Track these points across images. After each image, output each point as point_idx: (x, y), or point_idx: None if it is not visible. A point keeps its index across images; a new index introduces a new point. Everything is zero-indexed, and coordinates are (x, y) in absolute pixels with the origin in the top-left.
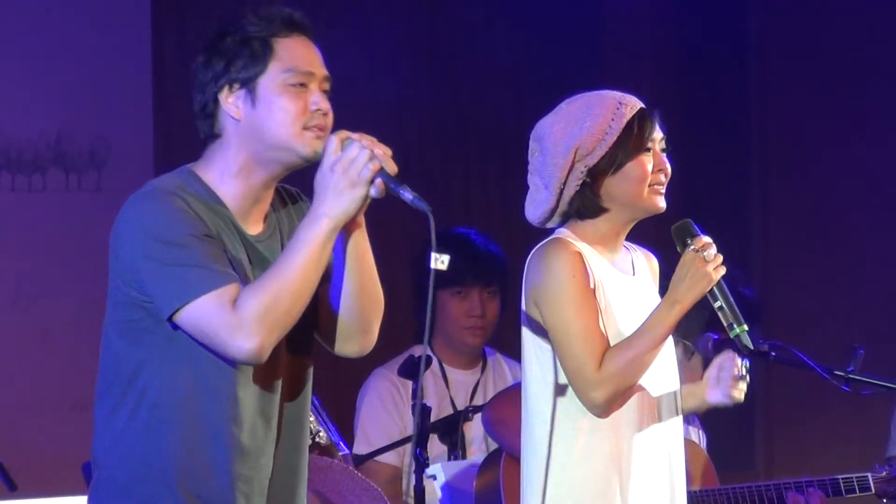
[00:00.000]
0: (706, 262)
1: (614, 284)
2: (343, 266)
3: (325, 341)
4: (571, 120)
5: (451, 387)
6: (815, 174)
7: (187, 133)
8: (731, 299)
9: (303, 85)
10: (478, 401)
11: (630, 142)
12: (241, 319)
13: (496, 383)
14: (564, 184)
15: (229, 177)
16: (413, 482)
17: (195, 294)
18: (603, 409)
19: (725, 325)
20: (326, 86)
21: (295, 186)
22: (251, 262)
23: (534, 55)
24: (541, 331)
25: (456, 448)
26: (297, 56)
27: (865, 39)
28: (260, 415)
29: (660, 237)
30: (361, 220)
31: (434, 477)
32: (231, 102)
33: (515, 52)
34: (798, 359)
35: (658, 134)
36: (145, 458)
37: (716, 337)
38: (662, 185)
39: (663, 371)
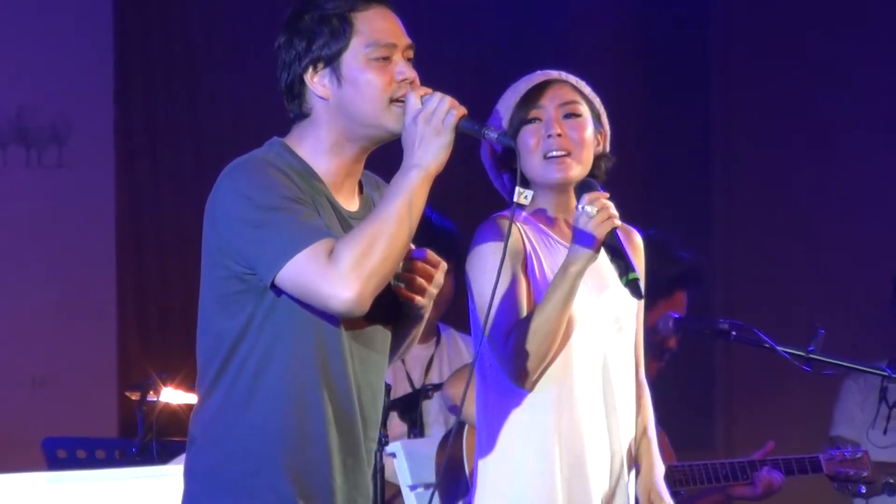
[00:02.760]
0: (590, 217)
1: (560, 257)
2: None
3: None
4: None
5: (406, 362)
6: (776, 160)
7: (148, 110)
8: (623, 250)
9: (386, 58)
10: (433, 376)
11: (518, 115)
12: (338, 269)
13: (451, 359)
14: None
15: (322, 153)
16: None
17: (292, 252)
18: (520, 383)
19: (618, 274)
20: (410, 54)
21: (383, 159)
22: None
23: (494, 43)
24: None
25: (416, 426)
26: (377, 29)
27: (828, 32)
28: (354, 386)
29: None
30: (426, 317)
31: (394, 455)
32: (317, 82)
33: (477, 43)
34: (758, 338)
35: (550, 100)
36: (247, 430)
37: (676, 316)
38: (560, 150)
39: (614, 348)
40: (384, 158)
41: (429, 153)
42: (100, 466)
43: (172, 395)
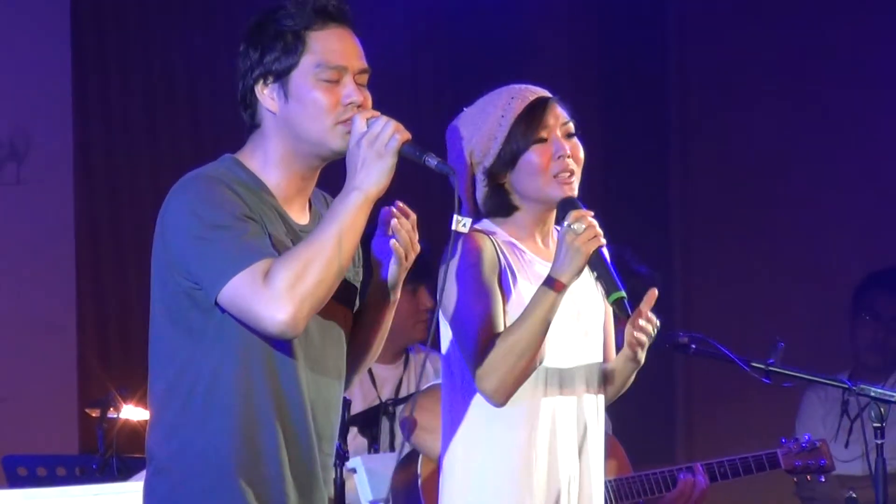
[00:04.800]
0: (577, 235)
1: (535, 275)
2: (372, 316)
3: None
4: (466, 123)
5: (377, 383)
6: (735, 169)
7: (106, 126)
8: (609, 268)
9: (335, 79)
10: (402, 395)
11: (520, 134)
12: (272, 290)
13: (419, 378)
14: (473, 187)
15: (271, 166)
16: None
17: (231, 273)
18: (496, 399)
19: (604, 293)
20: (363, 78)
21: (335, 175)
22: None
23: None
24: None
25: (376, 441)
26: (329, 49)
27: (784, 31)
28: (307, 402)
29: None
30: (397, 297)
31: (354, 470)
32: (266, 95)
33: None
34: (718, 351)
35: (555, 120)
36: (201, 449)
37: None
38: (568, 171)
39: (582, 355)
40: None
41: (370, 176)
42: (60, 484)
43: (132, 412)
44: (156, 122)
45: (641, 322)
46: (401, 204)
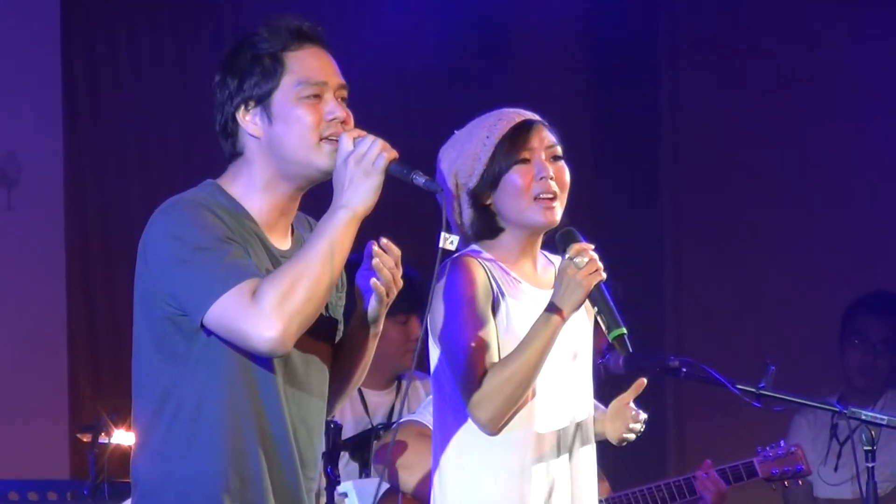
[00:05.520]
0: (578, 269)
1: (526, 299)
2: (355, 346)
3: None
4: (454, 145)
5: (369, 409)
6: (726, 191)
7: (98, 151)
8: (610, 304)
9: (317, 96)
10: (395, 420)
11: (503, 154)
12: (260, 309)
13: (410, 403)
14: (460, 209)
15: (255, 191)
16: (324, 500)
17: (217, 293)
18: (490, 428)
19: (604, 328)
20: (343, 93)
21: (319, 198)
22: None
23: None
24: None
25: (368, 466)
26: (308, 67)
27: (782, 45)
28: (290, 428)
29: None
30: (378, 330)
31: (345, 495)
32: (249, 120)
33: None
34: (709, 375)
35: (540, 143)
36: (186, 474)
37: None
38: (550, 194)
39: (572, 378)
40: (321, 196)
41: (357, 195)
42: None
43: (124, 437)
44: (148, 146)
45: (631, 424)
46: (385, 241)
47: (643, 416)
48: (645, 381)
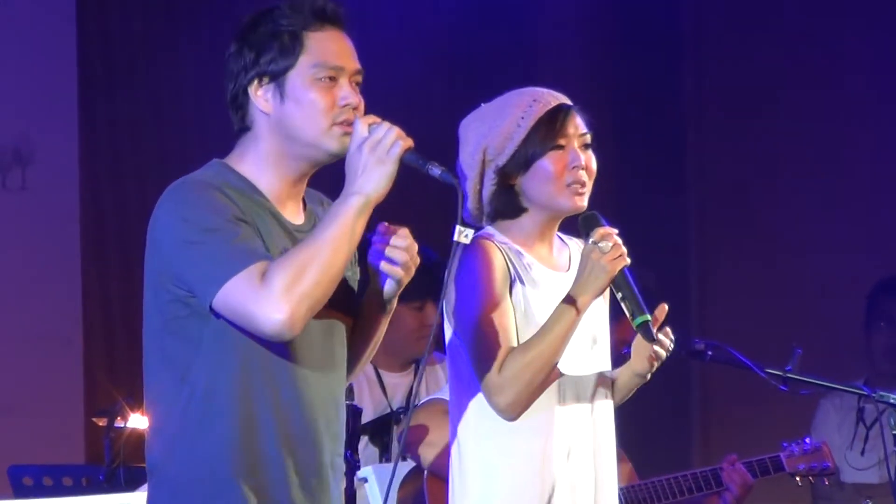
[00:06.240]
0: (603, 253)
1: (541, 282)
2: (368, 322)
3: None
4: (483, 119)
5: (387, 391)
6: (752, 178)
7: (112, 131)
8: (634, 290)
9: (332, 79)
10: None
11: (538, 138)
12: (270, 291)
13: (429, 385)
14: (481, 185)
15: (263, 168)
16: (344, 485)
17: (226, 276)
18: (508, 413)
19: (628, 315)
20: (358, 79)
21: (329, 178)
22: None
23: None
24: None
25: (387, 450)
26: (326, 50)
27: (804, 47)
28: (307, 405)
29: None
30: (392, 307)
31: (365, 480)
32: (260, 96)
33: (453, 39)
34: (734, 358)
35: (574, 130)
36: (202, 456)
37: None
38: (581, 183)
39: (592, 363)
40: (334, 178)
41: (370, 181)
42: (67, 494)
43: (140, 422)
44: (163, 127)
45: (660, 335)
46: (387, 224)
47: (671, 334)
48: (666, 306)
